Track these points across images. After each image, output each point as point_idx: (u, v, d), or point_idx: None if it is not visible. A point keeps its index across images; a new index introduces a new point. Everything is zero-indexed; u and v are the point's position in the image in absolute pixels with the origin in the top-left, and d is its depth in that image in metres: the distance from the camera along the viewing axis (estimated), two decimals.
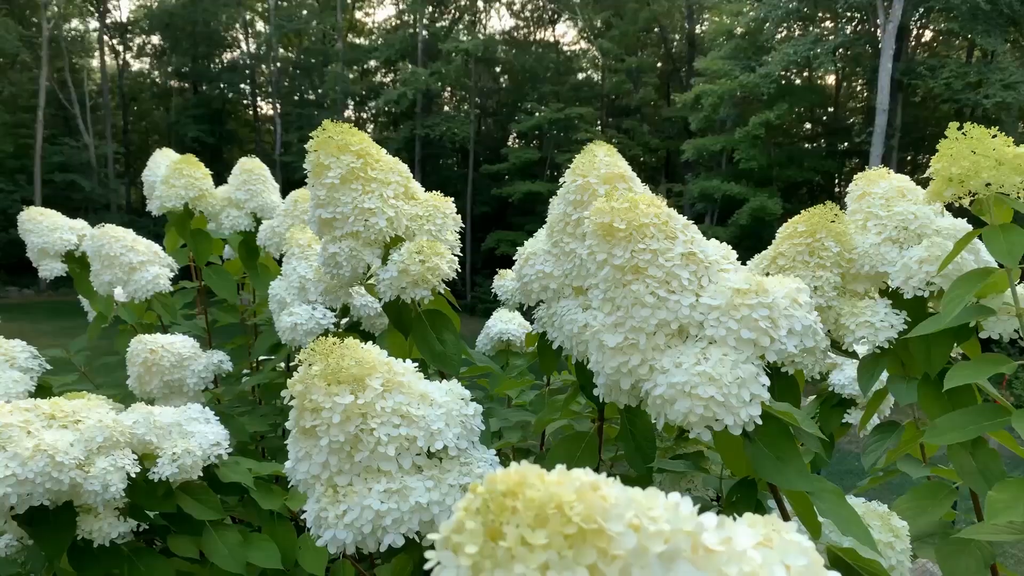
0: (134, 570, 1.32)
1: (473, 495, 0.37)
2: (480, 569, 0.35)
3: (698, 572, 0.36)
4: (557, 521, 0.35)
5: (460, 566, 0.35)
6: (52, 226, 2.19)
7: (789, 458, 0.90)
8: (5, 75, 23.73)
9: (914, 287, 1.18)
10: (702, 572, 0.36)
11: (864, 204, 1.29)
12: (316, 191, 1.14)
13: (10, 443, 1.15)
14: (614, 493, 0.38)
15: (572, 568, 0.34)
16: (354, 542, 0.73)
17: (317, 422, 0.74)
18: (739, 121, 19.06)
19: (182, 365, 1.66)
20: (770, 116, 17.63)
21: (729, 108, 19.34)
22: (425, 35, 23.68)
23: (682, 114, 20.99)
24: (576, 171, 1.03)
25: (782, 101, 18.14)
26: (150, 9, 26.76)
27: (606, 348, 0.85)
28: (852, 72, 21.33)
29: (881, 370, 1.36)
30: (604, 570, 0.34)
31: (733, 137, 18.59)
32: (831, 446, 1.86)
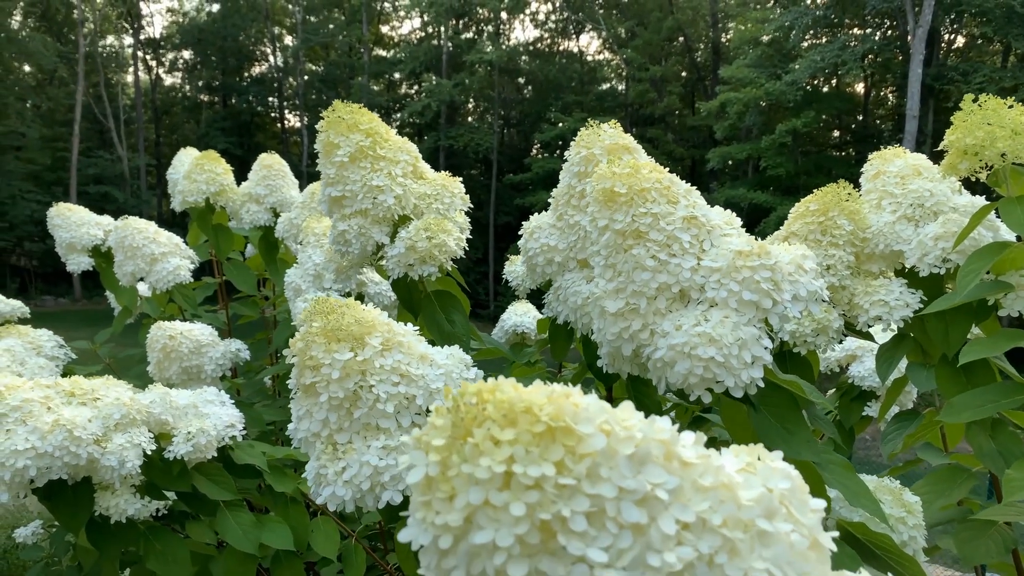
0: (150, 547, 1.34)
1: (445, 399, 0.37)
2: (448, 465, 0.35)
3: (670, 478, 0.36)
4: (526, 421, 0.35)
5: (429, 462, 0.35)
6: (80, 221, 2.23)
7: (796, 428, 0.89)
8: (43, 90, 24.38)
9: (930, 264, 1.16)
10: (675, 478, 0.36)
11: (879, 183, 1.27)
12: (326, 170, 1.15)
13: (30, 417, 1.18)
14: (586, 400, 0.38)
15: (538, 463, 0.34)
16: (353, 499, 0.74)
17: (317, 378, 0.75)
18: (765, 129, 18.91)
19: (200, 352, 1.68)
20: (797, 123, 17.46)
21: (755, 116, 19.20)
22: (449, 47, 23.88)
23: (707, 122, 20.89)
24: (580, 143, 1.03)
25: (809, 108, 17.97)
26: (182, 25, 27.35)
27: (607, 314, 0.85)
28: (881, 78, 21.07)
29: (900, 357, 1.34)
30: (571, 468, 0.34)
31: (759, 145, 18.45)
32: (851, 440, 1.83)
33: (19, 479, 1.15)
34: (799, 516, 0.40)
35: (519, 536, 0.33)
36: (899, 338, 1.35)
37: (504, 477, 0.34)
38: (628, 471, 0.35)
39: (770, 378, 0.88)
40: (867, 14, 17.12)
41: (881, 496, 1.05)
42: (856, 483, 0.89)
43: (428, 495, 0.35)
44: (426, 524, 0.35)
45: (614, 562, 0.33)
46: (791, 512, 0.39)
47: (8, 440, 1.14)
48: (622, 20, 24.51)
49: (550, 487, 0.33)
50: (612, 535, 0.33)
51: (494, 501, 0.33)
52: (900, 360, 1.34)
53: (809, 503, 0.41)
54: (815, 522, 0.41)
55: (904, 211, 1.21)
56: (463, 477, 0.34)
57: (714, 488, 0.37)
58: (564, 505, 0.33)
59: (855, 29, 18.82)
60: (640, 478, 0.35)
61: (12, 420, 1.17)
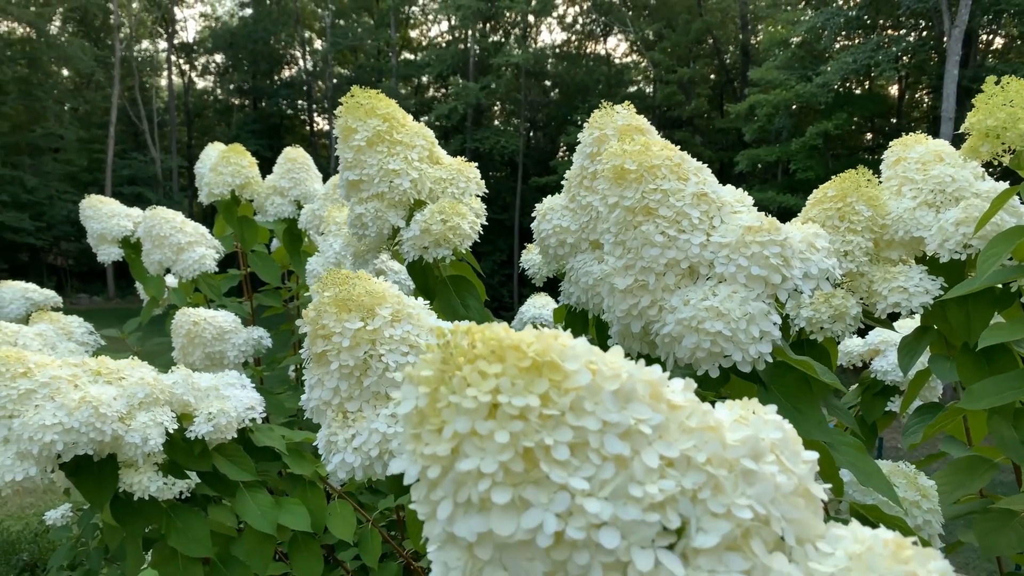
0: (171, 525, 1.36)
1: (436, 339, 0.38)
2: (437, 397, 0.36)
3: (655, 415, 0.36)
4: (513, 356, 0.36)
5: (419, 394, 0.36)
6: (110, 213, 2.29)
7: (807, 408, 0.89)
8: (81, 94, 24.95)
9: (950, 250, 1.14)
10: (659, 415, 0.36)
11: (899, 169, 1.26)
12: (344, 154, 1.17)
13: (58, 394, 1.21)
14: (575, 341, 0.38)
15: (523, 394, 0.34)
16: (362, 466, 0.75)
17: (328, 347, 0.76)
18: (795, 132, 18.67)
19: (223, 338, 1.71)
20: (828, 126, 17.21)
21: (784, 118, 18.97)
22: (476, 50, 23.98)
23: (736, 125, 20.70)
24: (593, 124, 1.04)
25: (841, 110, 17.71)
26: (214, 29, 27.81)
27: (617, 291, 0.85)
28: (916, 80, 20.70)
29: (923, 348, 1.32)
30: (556, 401, 0.35)
31: (789, 148, 18.22)
32: (874, 435, 1.81)
33: (47, 453, 1.18)
34: (790, 465, 0.40)
35: (503, 463, 0.33)
36: (922, 330, 1.33)
37: (490, 407, 0.34)
38: (612, 406, 0.35)
39: (781, 357, 0.88)
40: (901, 14, 16.83)
41: (895, 480, 1.04)
42: (868, 464, 0.88)
43: (418, 428, 0.36)
44: (416, 455, 0.36)
45: (596, 492, 0.33)
46: (781, 460, 0.40)
47: (37, 415, 1.17)
48: (650, 22, 24.41)
49: (534, 417, 0.34)
50: (595, 466, 0.34)
51: (480, 430, 0.34)
52: (923, 352, 1.32)
53: (801, 453, 0.41)
54: (807, 472, 0.41)
55: (925, 197, 1.20)
56: (451, 407, 0.35)
57: (700, 429, 0.37)
58: (547, 435, 0.34)
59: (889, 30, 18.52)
60: (624, 413, 0.35)
61: (41, 396, 1.20)
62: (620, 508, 0.33)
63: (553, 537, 0.32)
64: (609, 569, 0.32)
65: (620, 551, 0.32)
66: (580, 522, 0.32)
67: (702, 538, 0.33)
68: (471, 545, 0.34)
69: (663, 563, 0.33)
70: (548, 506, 0.33)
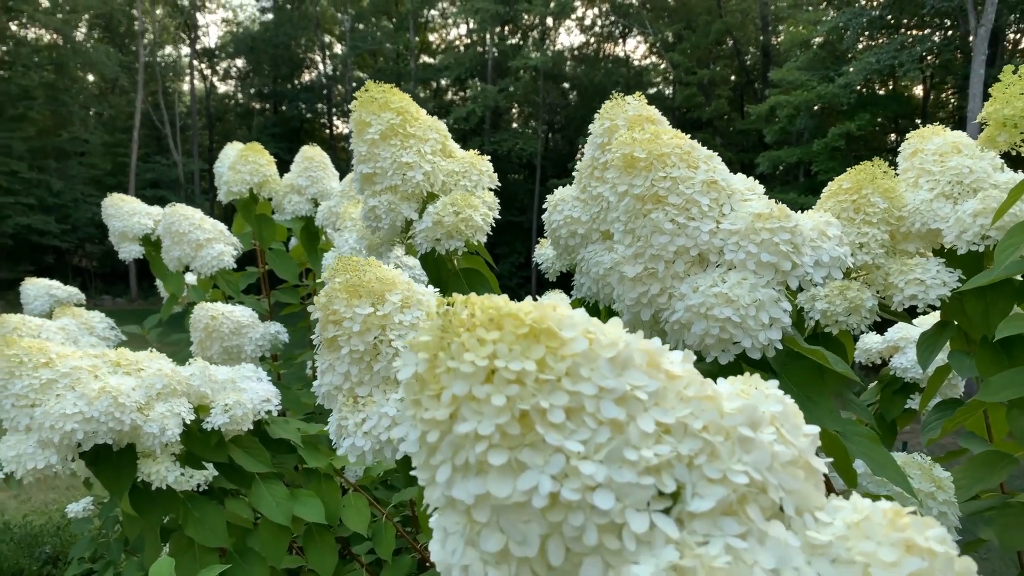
0: (188, 515, 1.38)
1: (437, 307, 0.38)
2: (435, 363, 0.36)
3: (652, 382, 0.36)
4: (511, 324, 0.36)
5: (418, 360, 0.36)
6: (132, 211, 2.32)
7: (819, 398, 0.88)
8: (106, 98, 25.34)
9: (968, 242, 1.13)
10: (656, 382, 0.36)
11: (916, 161, 1.25)
12: (358, 147, 1.18)
13: (79, 384, 1.24)
14: (573, 311, 0.38)
15: (519, 359, 0.35)
16: (372, 449, 0.76)
17: (338, 332, 0.77)
18: (817, 133, 18.49)
19: (240, 332, 1.73)
20: (851, 127, 17.01)
21: (806, 119, 18.79)
22: (495, 53, 24.03)
23: (756, 126, 20.54)
24: (604, 115, 1.04)
25: (863, 111, 17.50)
26: (236, 34, 28.12)
27: (626, 280, 0.85)
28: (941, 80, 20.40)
29: (942, 344, 1.30)
30: (552, 366, 0.35)
31: (810, 149, 18.04)
32: (894, 433, 1.79)
33: (67, 442, 1.20)
34: (791, 438, 0.40)
35: (500, 426, 0.34)
36: (941, 325, 1.31)
37: (487, 371, 0.35)
38: (609, 372, 0.36)
39: (792, 347, 0.88)
40: (926, 14, 16.60)
41: (910, 471, 1.03)
42: (882, 454, 0.88)
43: (418, 394, 0.37)
44: (416, 421, 0.36)
45: (591, 455, 0.34)
46: (781, 433, 0.40)
47: (58, 404, 1.20)
48: (669, 24, 24.32)
49: (530, 382, 0.34)
50: (590, 430, 0.34)
51: (477, 394, 0.34)
52: (942, 347, 1.30)
53: (802, 427, 0.41)
54: (807, 445, 0.41)
55: (942, 189, 1.19)
56: (449, 372, 0.35)
57: (697, 398, 0.37)
58: (543, 398, 0.34)
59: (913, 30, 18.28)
60: (621, 379, 0.35)
61: (62, 386, 1.23)
62: (615, 471, 0.33)
63: (548, 498, 0.33)
64: (604, 531, 0.33)
65: (615, 513, 0.33)
66: (575, 484, 0.33)
67: (697, 503, 0.34)
68: (469, 508, 0.35)
69: (658, 525, 0.33)
70: (544, 468, 0.33)
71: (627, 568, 0.32)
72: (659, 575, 0.31)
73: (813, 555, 0.35)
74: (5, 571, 2.89)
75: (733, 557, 0.32)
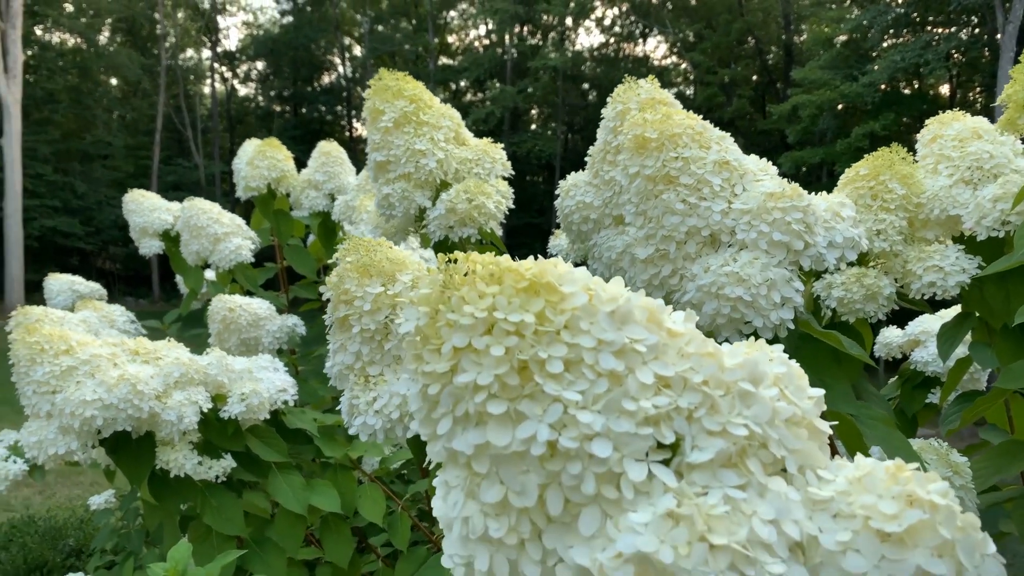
0: (206, 503, 1.40)
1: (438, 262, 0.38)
2: (436, 317, 0.36)
3: (651, 335, 0.36)
4: (511, 278, 0.36)
5: (419, 314, 0.37)
6: (152, 207, 2.36)
7: (832, 381, 0.87)
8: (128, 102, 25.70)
9: (988, 228, 1.11)
10: (655, 336, 0.36)
11: (935, 147, 1.23)
12: (372, 135, 1.19)
13: (98, 371, 1.25)
14: (574, 269, 0.39)
15: (518, 311, 0.35)
16: (383, 428, 0.76)
17: (350, 311, 0.78)
18: (840, 133, 18.27)
19: (258, 324, 1.75)
20: (875, 126, 16.77)
21: (829, 119, 18.58)
22: (514, 53, 24.05)
23: (778, 126, 20.33)
24: (616, 99, 1.04)
25: (888, 111, 17.26)
26: (256, 37, 28.41)
27: (638, 262, 0.85)
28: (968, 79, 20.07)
29: (963, 335, 1.29)
30: (552, 319, 0.35)
31: (834, 149, 17.81)
32: (914, 429, 1.77)
33: (87, 428, 1.22)
34: (795, 398, 0.40)
35: (499, 376, 0.34)
36: (962, 317, 1.30)
37: (486, 323, 0.35)
38: (608, 325, 0.36)
39: (806, 330, 0.87)
40: (952, 11, 16.35)
41: (926, 456, 1.02)
42: (897, 438, 0.87)
43: (419, 348, 0.37)
44: (417, 375, 0.37)
45: (589, 405, 0.34)
46: (785, 393, 0.39)
47: (78, 391, 1.21)
48: (690, 23, 24.20)
49: (529, 333, 0.35)
50: (589, 381, 0.34)
51: (476, 345, 0.34)
52: (963, 339, 1.28)
53: (806, 389, 0.41)
54: (811, 407, 0.40)
55: (961, 174, 1.17)
56: (449, 326, 0.35)
57: (698, 354, 0.37)
58: (542, 349, 0.34)
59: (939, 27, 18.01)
60: (620, 333, 0.35)
61: (82, 373, 1.24)
62: (613, 421, 0.33)
63: (546, 447, 0.33)
64: (602, 480, 0.33)
65: (613, 462, 0.33)
66: (573, 433, 0.33)
67: (697, 454, 0.33)
68: (469, 460, 0.35)
69: (656, 475, 0.33)
70: (542, 417, 0.33)
71: (624, 516, 0.32)
72: (656, 522, 0.31)
73: (814, 510, 0.35)
74: (30, 563, 2.94)
75: (732, 507, 0.32)
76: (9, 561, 2.87)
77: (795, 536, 0.33)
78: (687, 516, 0.31)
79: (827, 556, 0.33)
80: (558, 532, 0.33)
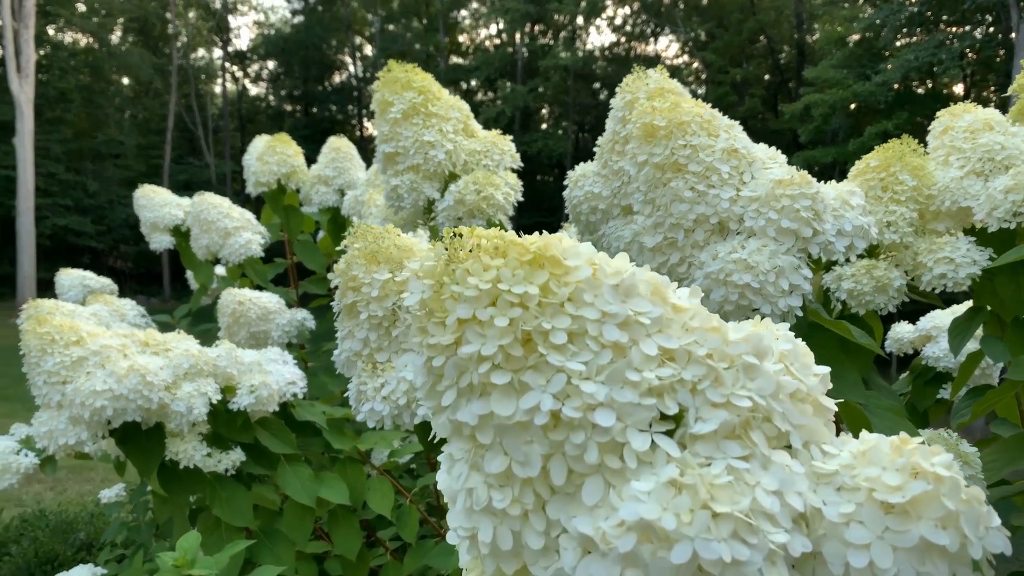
0: (216, 495, 1.40)
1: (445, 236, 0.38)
2: (441, 289, 0.36)
3: (655, 308, 0.36)
4: (515, 251, 0.36)
5: (424, 287, 0.37)
6: (163, 202, 2.37)
7: (841, 370, 0.87)
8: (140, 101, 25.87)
9: (999, 219, 1.10)
10: (659, 309, 0.36)
11: (947, 139, 1.22)
12: (380, 127, 1.19)
13: (108, 362, 1.26)
14: (578, 243, 0.39)
15: (523, 283, 0.35)
16: (391, 415, 0.77)
17: (358, 298, 0.78)
18: (852, 132, 18.15)
19: (267, 318, 1.76)
20: (888, 126, 16.62)
21: (841, 119, 18.47)
22: (524, 53, 24.05)
23: (791, 126, 20.21)
24: (625, 88, 1.03)
25: (901, 110, 17.13)
26: (267, 37, 28.53)
27: (646, 250, 0.85)
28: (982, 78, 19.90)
29: (974, 329, 1.28)
30: (556, 291, 0.35)
31: (846, 149, 17.68)
32: (925, 425, 1.75)
33: (97, 418, 1.23)
34: (800, 375, 0.39)
35: (503, 347, 0.34)
36: (974, 311, 1.29)
37: (491, 295, 0.35)
38: (612, 298, 0.36)
39: (815, 319, 0.86)
40: (966, 9, 16.21)
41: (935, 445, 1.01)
42: (907, 428, 0.86)
43: (424, 321, 0.37)
44: (422, 347, 0.37)
45: (592, 375, 0.34)
46: (790, 369, 0.39)
47: (88, 381, 1.22)
48: (701, 22, 24.12)
49: (533, 305, 0.35)
50: (592, 352, 0.34)
51: (480, 316, 0.35)
52: (974, 333, 1.27)
53: (812, 366, 0.41)
54: (816, 384, 0.40)
55: (973, 166, 1.16)
56: (454, 298, 0.36)
57: (702, 328, 0.37)
58: (546, 320, 0.34)
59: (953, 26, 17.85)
60: (624, 305, 0.35)
61: (92, 363, 1.25)
62: (616, 391, 0.33)
63: (550, 416, 0.33)
64: (605, 450, 0.33)
65: (616, 432, 0.33)
66: (576, 402, 0.33)
67: (700, 425, 0.33)
68: (473, 431, 0.35)
69: (660, 445, 0.33)
70: (545, 388, 0.33)
71: (627, 485, 0.32)
72: (659, 490, 0.31)
73: (819, 483, 0.34)
74: (41, 556, 2.96)
75: (735, 477, 0.32)
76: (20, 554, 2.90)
77: (798, 508, 0.32)
78: (690, 485, 0.31)
79: (830, 528, 0.32)
80: (561, 503, 0.33)
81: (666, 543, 0.30)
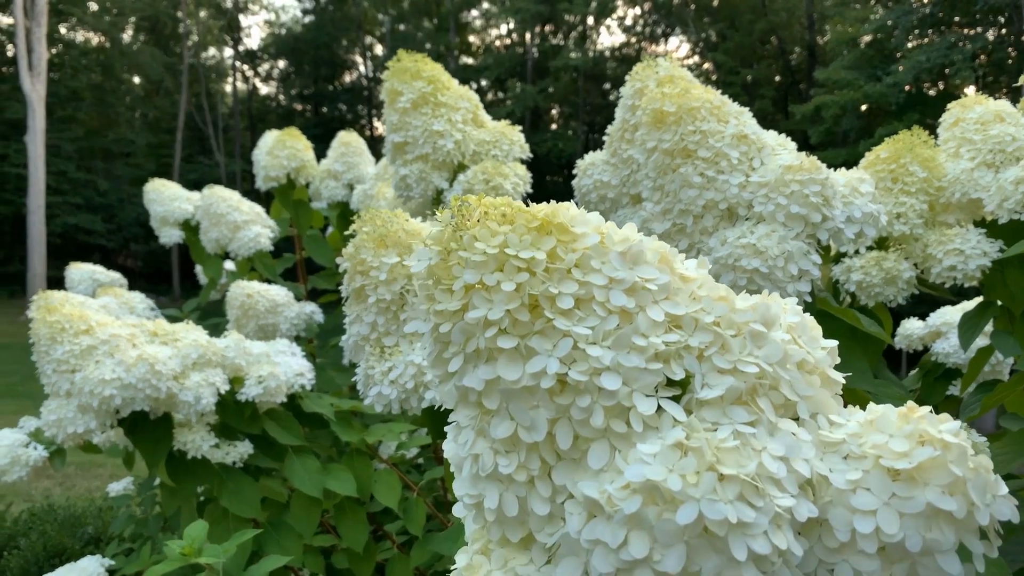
0: (223, 486, 1.41)
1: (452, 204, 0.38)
2: (448, 257, 0.36)
3: (662, 276, 0.36)
4: (523, 219, 0.36)
5: (432, 253, 0.37)
6: (172, 196, 2.38)
7: (850, 358, 0.86)
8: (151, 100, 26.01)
9: (1009, 210, 1.10)
10: (666, 277, 0.36)
11: (957, 131, 1.22)
12: (390, 117, 1.20)
13: (117, 351, 1.27)
14: (583, 211, 0.38)
15: (530, 249, 0.35)
16: (398, 399, 0.77)
17: (366, 281, 0.78)
18: (863, 134, 18.05)
19: (275, 311, 1.76)
20: (899, 127, 16.50)
21: (852, 120, 18.38)
22: (535, 53, 24.05)
23: (801, 127, 20.11)
24: (635, 77, 1.03)
25: (912, 112, 17.03)
26: (278, 36, 28.64)
27: (654, 236, 0.84)
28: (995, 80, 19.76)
29: (984, 324, 1.27)
30: (563, 257, 0.35)
31: (857, 150, 17.59)
32: None
33: (106, 407, 1.24)
34: (808, 347, 0.39)
35: (509, 312, 0.34)
36: (984, 305, 1.28)
37: (498, 260, 0.35)
38: (619, 264, 0.35)
39: (824, 307, 0.86)
40: (978, 11, 16.10)
41: None
42: None
43: (431, 288, 0.37)
44: (429, 314, 0.37)
45: (599, 340, 0.33)
46: (797, 340, 0.39)
47: (97, 370, 1.23)
48: (712, 23, 24.06)
49: (540, 270, 0.35)
50: (599, 317, 0.34)
51: (487, 281, 0.35)
52: (984, 328, 1.27)
53: (819, 339, 0.41)
54: (824, 357, 0.40)
55: (983, 157, 1.15)
56: (461, 263, 0.36)
57: (709, 297, 0.37)
58: (553, 286, 0.34)
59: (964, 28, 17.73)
60: (631, 272, 0.35)
61: (101, 352, 1.26)
62: (623, 356, 0.33)
63: (556, 380, 0.33)
64: (611, 414, 0.33)
65: (622, 396, 0.32)
66: (582, 366, 0.33)
67: (707, 391, 0.33)
68: (480, 397, 0.35)
69: (666, 409, 0.33)
70: (552, 352, 0.33)
71: (633, 448, 0.32)
72: (665, 452, 0.31)
73: (825, 452, 0.34)
74: (49, 549, 2.98)
75: (741, 442, 0.32)
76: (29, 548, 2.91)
77: (805, 474, 0.32)
78: (696, 447, 0.31)
79: (836, 494, 0.32)
80: (567, 468, 0.33)
81: (672, 504, 0.30)
